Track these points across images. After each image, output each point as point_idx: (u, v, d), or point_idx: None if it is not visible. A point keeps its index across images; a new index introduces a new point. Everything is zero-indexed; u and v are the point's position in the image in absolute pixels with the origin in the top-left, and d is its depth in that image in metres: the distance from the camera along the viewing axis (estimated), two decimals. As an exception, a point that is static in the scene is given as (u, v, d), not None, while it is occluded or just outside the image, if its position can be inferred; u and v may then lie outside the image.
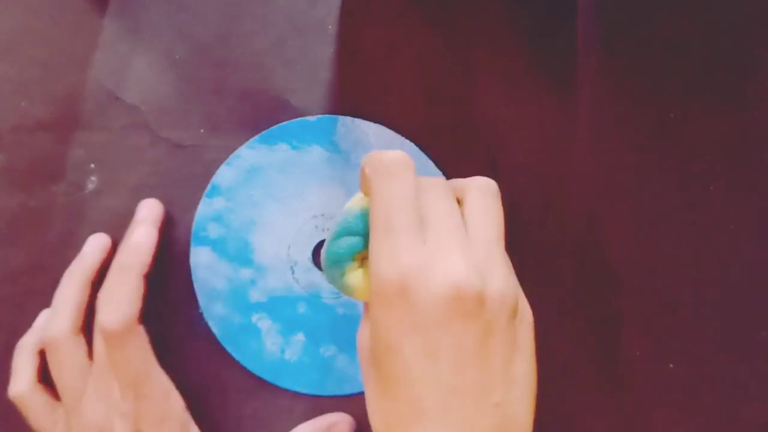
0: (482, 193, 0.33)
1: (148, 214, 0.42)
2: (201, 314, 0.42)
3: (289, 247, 0.42)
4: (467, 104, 0.44)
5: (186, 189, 0.43)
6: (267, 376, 0.42)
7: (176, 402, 0.39)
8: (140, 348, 0.38)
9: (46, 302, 0.42)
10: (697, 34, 0.45)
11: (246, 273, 0.42)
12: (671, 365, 0.43)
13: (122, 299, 0.38)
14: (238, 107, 0.44)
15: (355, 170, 0.43)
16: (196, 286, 0.42)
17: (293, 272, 0.42)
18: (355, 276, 0.33)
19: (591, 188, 0.44)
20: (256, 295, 0.42)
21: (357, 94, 0.44)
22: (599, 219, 0.44)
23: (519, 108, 0.44)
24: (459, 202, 0.34)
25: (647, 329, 0.43)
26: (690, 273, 0.44)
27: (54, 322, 0.39)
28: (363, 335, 0.33)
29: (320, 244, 0.43)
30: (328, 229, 0.34)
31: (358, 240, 0.33)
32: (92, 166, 0.43)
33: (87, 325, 0.40)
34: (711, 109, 0.44)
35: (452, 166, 0.43)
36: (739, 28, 0.45)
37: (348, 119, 0.43)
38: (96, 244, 0.42)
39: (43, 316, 0.42)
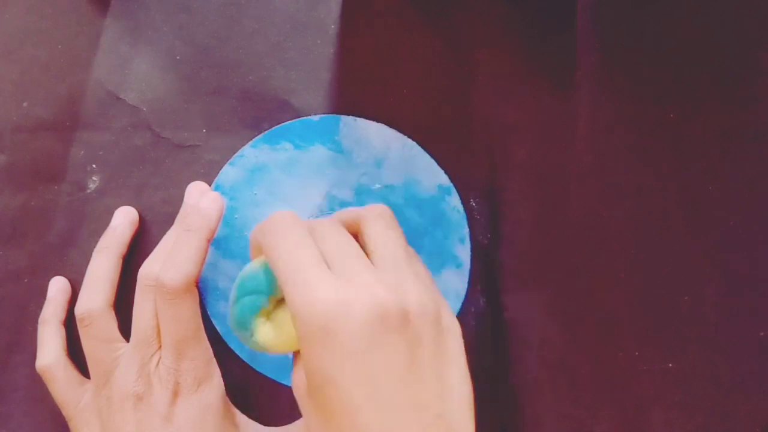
0: (377, 220, 0.36)
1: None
2: (205, 312, 0.43)
3: (293, 245, 0.44)
4: (467, 104, 0.45)
5: (187, 189, 0.44)
6: (270, 374, 0.43)
7: (215, 370, 0.41)
8: (192, 309, 0.40)
9: (49, 302, 0.43)
10: (697, 34, 0.46)
11: (249, 271, 0.44)
12: (670, 365, 0.44)
13: (185, 258, 0.40)
14: (239, 107, 0.45)
15: (358, 169, 0.44)
16: (200, 284, 0.43)
17: (296, 270, 0.44)
18: (264, 332, 0.35)
19: (591, 188, 0.45)
20: (259, 294, 0.44)
21: (357, 94, 0.45)
22: (599, 219, 0.45)
23: (519, 108, 0.45)
24: (357, 234, 0.36)
25: (646, 329, 0.44)
26: (689, 273, 0.44)
27: (88, 297, 0.41)
28: (298, 379, 0.35)
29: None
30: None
31: (256, 297, 0.35)
32: (94, 166, 0.44)
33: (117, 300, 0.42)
34: (711, 109, 0.45)
35: (452, 166, 0.45)
36: (739, 28, 0.46)
37: (350, 118, 0.44)
38: (125, 218, 0.43)
39: (54, 286, 0.43)
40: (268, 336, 0.35)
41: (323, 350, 0.31)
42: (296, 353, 0.36)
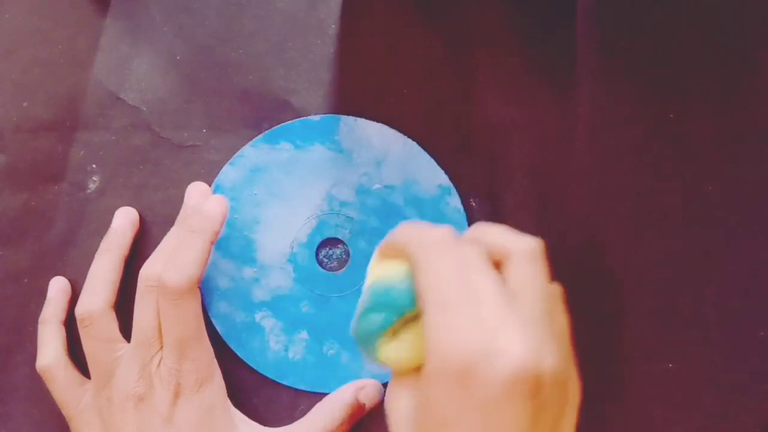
0: (528, 262, 0.34)
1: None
2: (205, 313, 0.43)
3: (293, 245, 0.44)
4: (467, 104, 0.45)
5: (187, 189, 0.44)
6: (270, 374, 0.43)
7: (216, 371, 0.41)
8: (195, 310, 0.40)
9: (49, 302, 0.43)
10: (697, 34, 0.46)
11: (249, 272, 0.44)
12: (671, 365, 0.44)
13: (188, 260, 0.40)
14: (239, 107, 0.45)
15: (358, 169, 0.44)
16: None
17: (297, 271, 0.44)
18: (388, 350, 0.34)
19: (591, 188, 0.45)
20: (259, 294, 0.43)
21: (357, 94, 0.45)
22: (599, 219, 0.45)
23: (519, 108, 0.45)
24: (500, 264, 0.34)
25: (646, 329, 0.44)
26: (690, 273, 0.44)
27: (89, 299, 0.41)
28: (401, 402, 0.33)
29: (323, 243, 0.44)
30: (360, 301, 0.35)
31: (390, 315, 0.33)
32: (94, 166, 0.45)
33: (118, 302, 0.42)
34: (711, 109, 0.45)
35: (452, 166, 0.45)
36: (739, 28, 0.46)
37: (350, 119, 0.44)
38: (125, 219, 0.43)
39: (54, 286, 0.43)
40: (392, 354, 0.34)
41: (452, 392, 0.31)
42: (397, 373, 0.35)
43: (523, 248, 0.34)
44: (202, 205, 0.42)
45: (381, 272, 0.35)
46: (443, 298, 0.32)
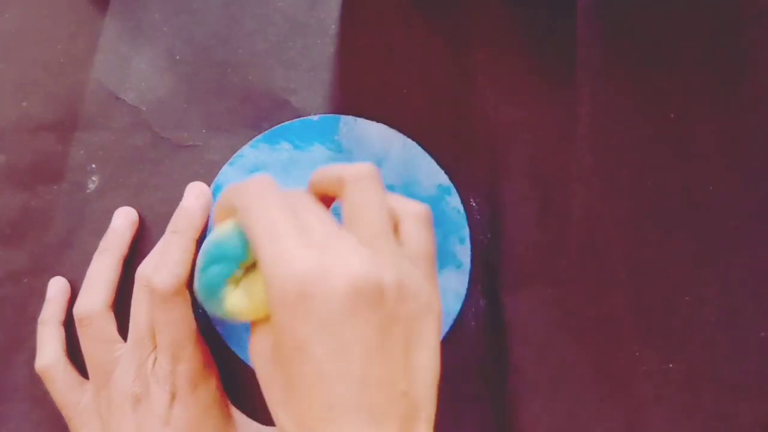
0: (360, 184, 0.34)
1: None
2: (205, 313, 0.43)
3: (292, 245, 0.44)
4: (467, 104, 0.45)
5: (187, 189, 0.44)
6: (270, 374, 0.44)
7: (212, 371, 0.41)
8: (184, 311, 0.40)
9: (48, 302, 0.43)
10: (697, 34, 0.46)
11: (249, 272, 0.44)
12: (670, 365, 0.44)
13: (174, 261, 0.40)
14: (239, 107, 0.45)
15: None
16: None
17: (296, 270, 0.44)
18: (234, 300, 0.35)
19: (591, 188, 0.45)
20: (259, 294, 0.44)
21: (357, 94, 0.45)
22: (599, 219, 0.45)
23: (519, 108, 0.45)
24: (338, 197, 0.35)
25: (647, 329, 0.44)
26: (690, 273, 0.44)
27: (88, 298, 0.41)
28: (260, 346, 0.34)
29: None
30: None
31: (227, 265, 0.34)
32: (93, 166, 0.44)
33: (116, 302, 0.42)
34: (711, 109, 0.45)
35: (452, 166, 0.45)
36: (738, 28, 0.46)
37: (350, 118, 0.44)
38: (125, 219, 0.43)
39: (53, 286, 0.43)
40: (239, 303, 0.35)
41: (296, 317, 0.31)
42: (254, 321, 0.35)
43: (354, 173, 0.35)
44: (182, 203, 0.42)
45: (216, 231, 0.36)
46: (272, 234, 0.32)
